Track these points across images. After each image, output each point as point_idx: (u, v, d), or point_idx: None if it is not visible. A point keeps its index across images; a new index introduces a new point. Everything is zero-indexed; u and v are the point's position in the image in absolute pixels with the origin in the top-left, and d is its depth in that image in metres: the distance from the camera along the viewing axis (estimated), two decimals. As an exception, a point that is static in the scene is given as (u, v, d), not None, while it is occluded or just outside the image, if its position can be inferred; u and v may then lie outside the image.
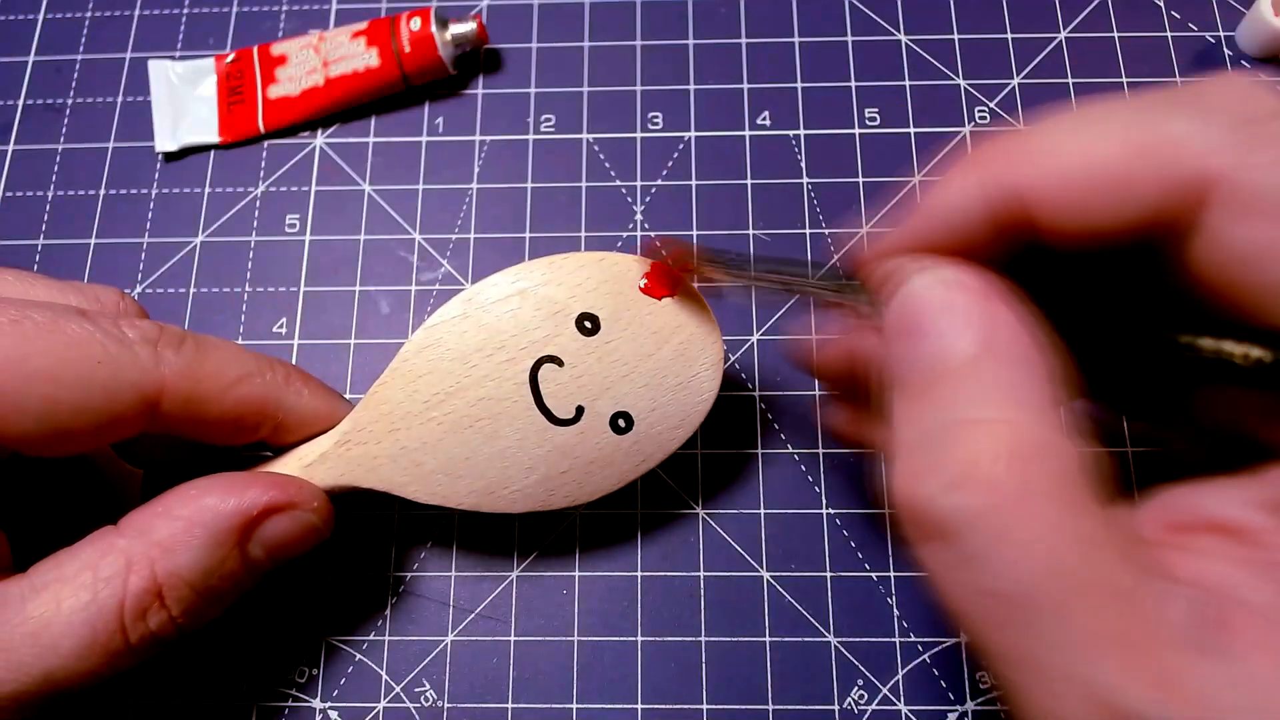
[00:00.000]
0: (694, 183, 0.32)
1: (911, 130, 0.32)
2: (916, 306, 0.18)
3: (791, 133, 0.33)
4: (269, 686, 0.27)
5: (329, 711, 0.27)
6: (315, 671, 0.27)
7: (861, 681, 0.27)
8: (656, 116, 0.33)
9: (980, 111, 0.33)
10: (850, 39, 0.34)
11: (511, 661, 0.27)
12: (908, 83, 0.33)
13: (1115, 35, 0.33)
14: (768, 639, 0.27)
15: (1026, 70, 0.33)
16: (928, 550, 0.16)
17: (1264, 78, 0.32)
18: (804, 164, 0.32)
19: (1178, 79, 0.33)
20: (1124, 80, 0.33)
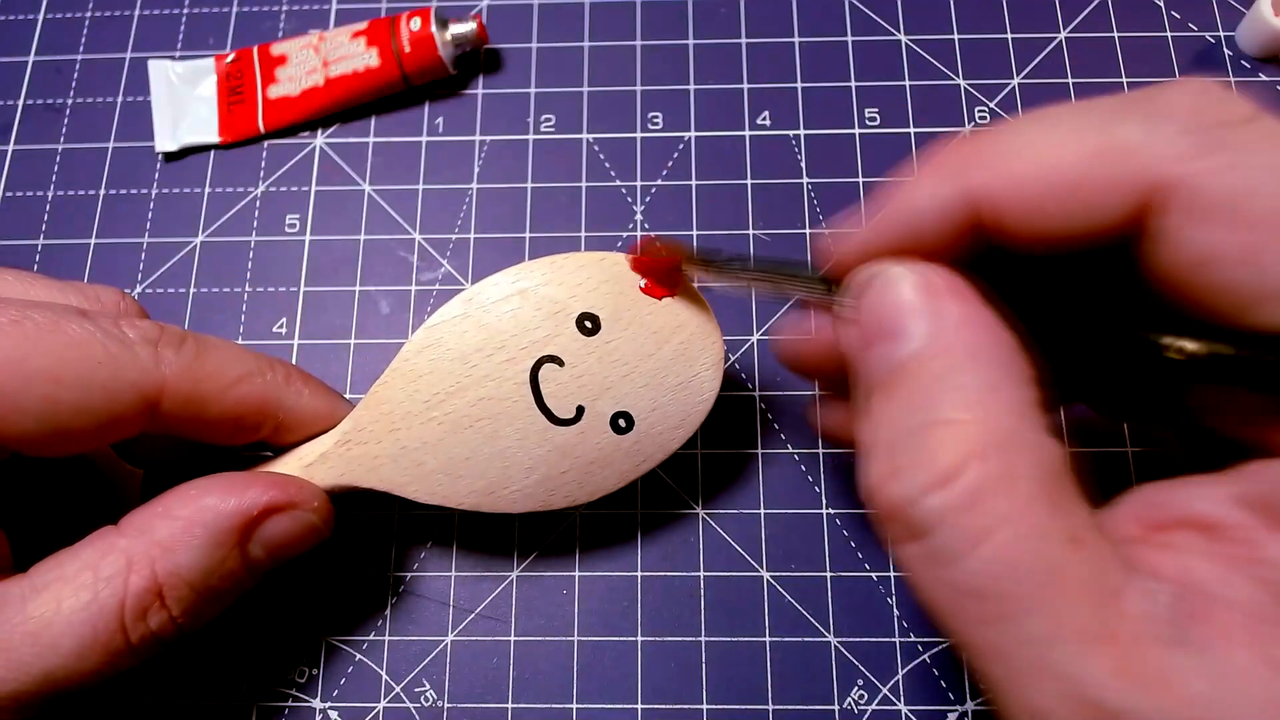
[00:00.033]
0: (694, 183, 0.32)
1: (911, 130, 0.32)
2: (888, 307, 0.18)
3: (791, 133, 0.33)
4: (269, 686, 0.27)
5: (329, 711, 0.27)
6: (315, 671, 0.27)
7: (861, 681, 0.27)
8: (656, 116, 0.33)
9: (980, 111, 0.33)
10: (850, 39, 0.34)
11: (511, 661, 0.27)
12: (908, 83, 0.33)
13: (1115, 35, 0.33)
14: (768, 639, 0.27)
15: (1026, 70, 0.33)
16: (904, 549, 0.16)
17: (1263, 77, 0.32)
18: (804, 164, 0.32)
19: (1177, 79, 0.33)
20: (1124, 80, 0.33)
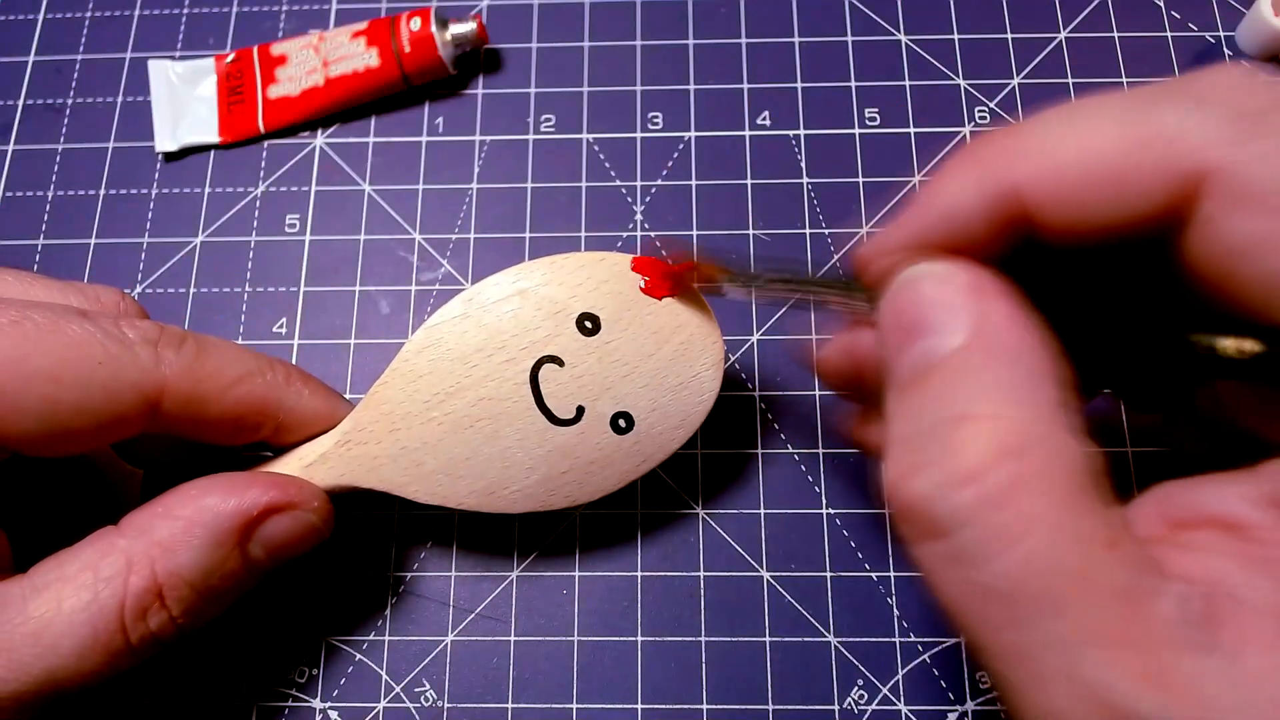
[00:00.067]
0: (694, 183, 0.32)
1: (911, 130, 0.32)
2: (913, 303, 0.17)
3: (791, 133, 0.33)
4: (269, 686, 0.27)
5: (329, 711, 0.27)
6: (315, 671, 0.27)
7: (861, 681, 0.27)
8: (656, 116, 0.33)
9: (980, 111, 0.33)
10: (850, 39, 0.34)
11: (511, 661, 0.27)
12: (908, 83, 0.33)
13: (1115, 35, 0.33)
14: (768, 639, 0.27)
15: (1026, 70, 0.33)
16: (923, 547, 0.16)
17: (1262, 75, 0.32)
18: (804, 164, 0.32)
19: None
20: (1124, 80, 0.33)
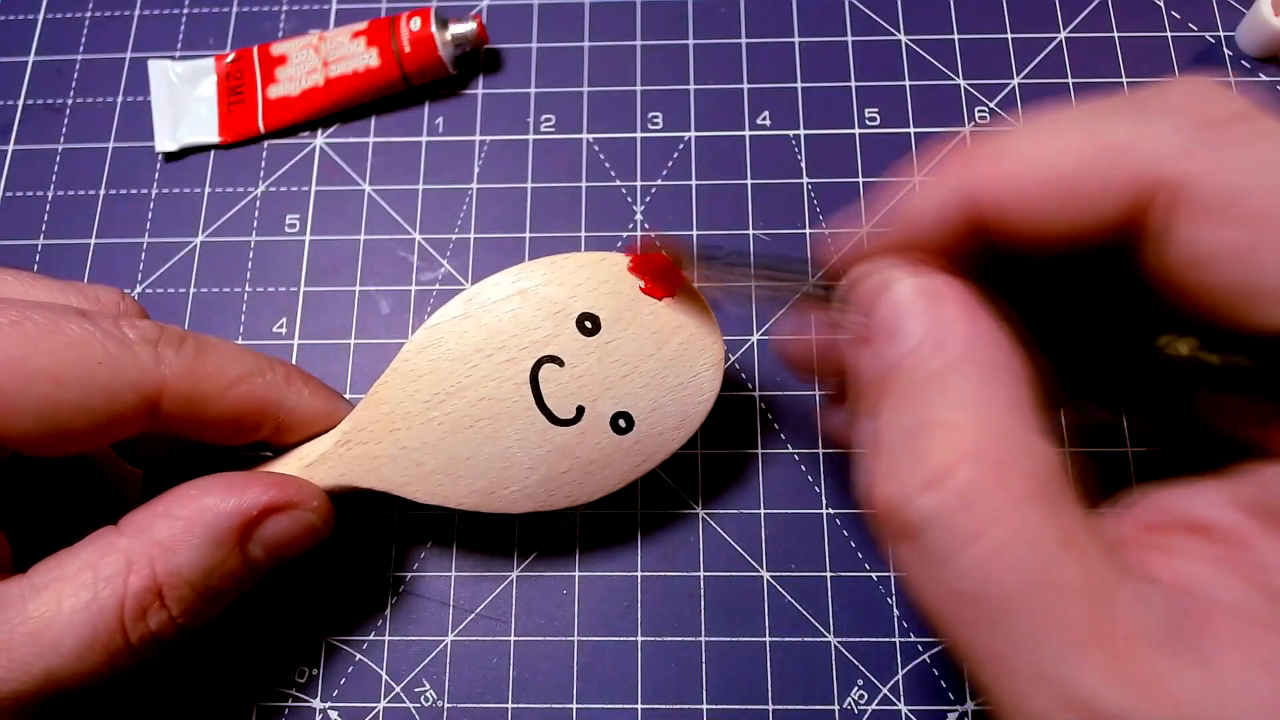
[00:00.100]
0: (694, 183, 0.32)
1: (911, 130, 0.32)
2: (888, 310, 0.18)
3: (791, 133, 0.33)
4: (269, 686, 0.27)
5: (329, 711, 0.27)
6: (315, 671, 0.27)
7: (861, 681, 0.27)
8: (656, 116, 0.33)
9: (980, 111, 0.33)
10: (850, 39, 0.34)
11: (511, 661, 0.27)
12: (908, 83, 0.33)
13: (1115, 35, 0.33)
14: (768, 639, 0.27)
15: (1026, 70, 0.33)
16: (898, 549, 0.16)
17: (1263, 77, 0.32)
18: (804, 164, 0.32)
19: (1175, 78, 0.33)
20: (1124, 80, 0.33)
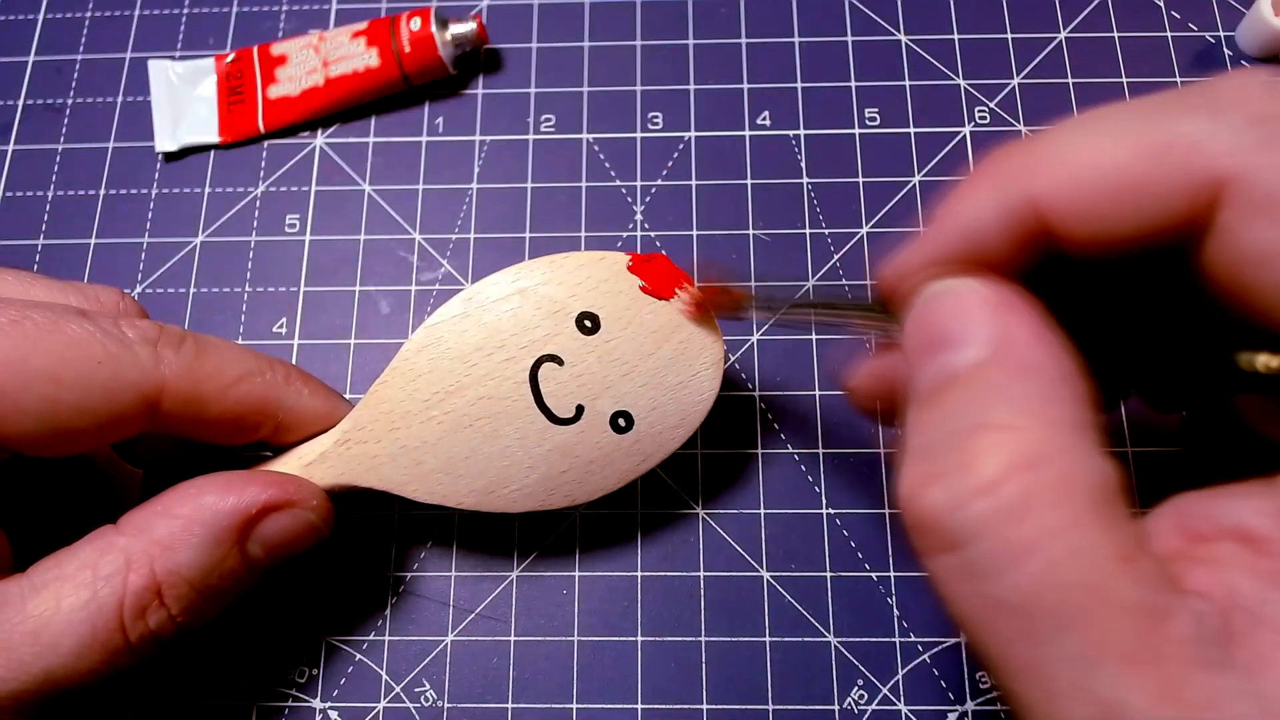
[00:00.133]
0: (694, 183, 0.32)
1: (911, 130, 0.32)
2: (935, 318, 0.17)
3: (791, 133, 0.33)
4: (269, 686, 0.27)
5: (329, 711, 0.27)
6: (315, 671, 0.27)
7: (861, 681, 0.26)
8: (656, 116, 0.33)
9: (980, 111, 0.33)
10: (850, 39, 0.34)
11: (511, 661, 0.27)
12: (908, 83, 0.33)
13: (1115, 35, 0.33)
14: (768, 639, 0.27)
15: (1026, 70, 0.33)
16: (936, 560, 0.16)
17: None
18: (804, 164, 0.32)
19: (1178, 79, 0.33)
20: (1124, 80, 0.33)
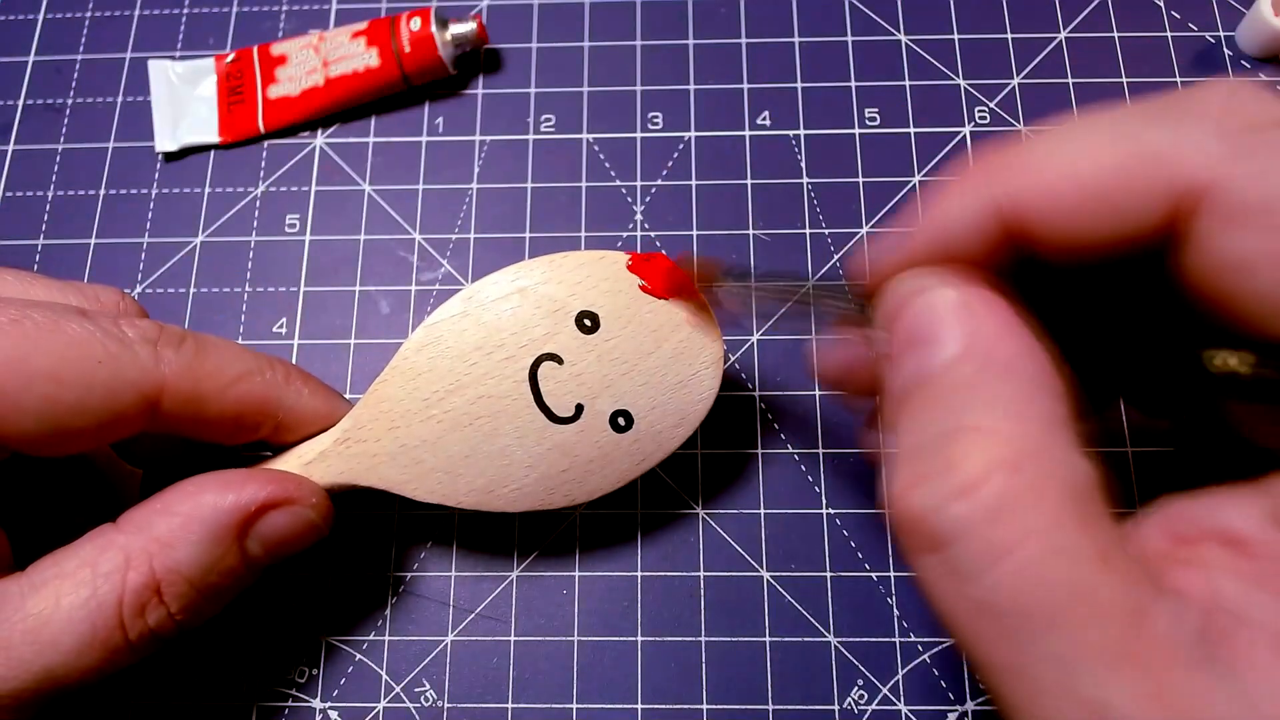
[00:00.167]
0: (694, 183, 0.32)
1: (911, 130, 0.32)
2: (923, 316, 0.17)
3: (791, 133, 0.33)
4: (269, 686, 0.27)
5: (329, 711, 0.27)
6: (315, 671, 0.27)
7: (861, 681, 0.26)
8: (656, 116, 0.33)
9: (980, 111, 0.33)
10: (850, 39, 0.34)
11: (511, 661, 0.27)
12: (908, 83, 0.33)
13: (1115, 35, 0.33)
14: (768, 639, 0.27)
15: (1026, 70, 0.33)
16: (922, 560, 0.16)
17: (1263, 77, 0.32)
18: (804, 164, 0.32)
19: (1178, 79, 0.33)
20: (1124, 80, 0.33)
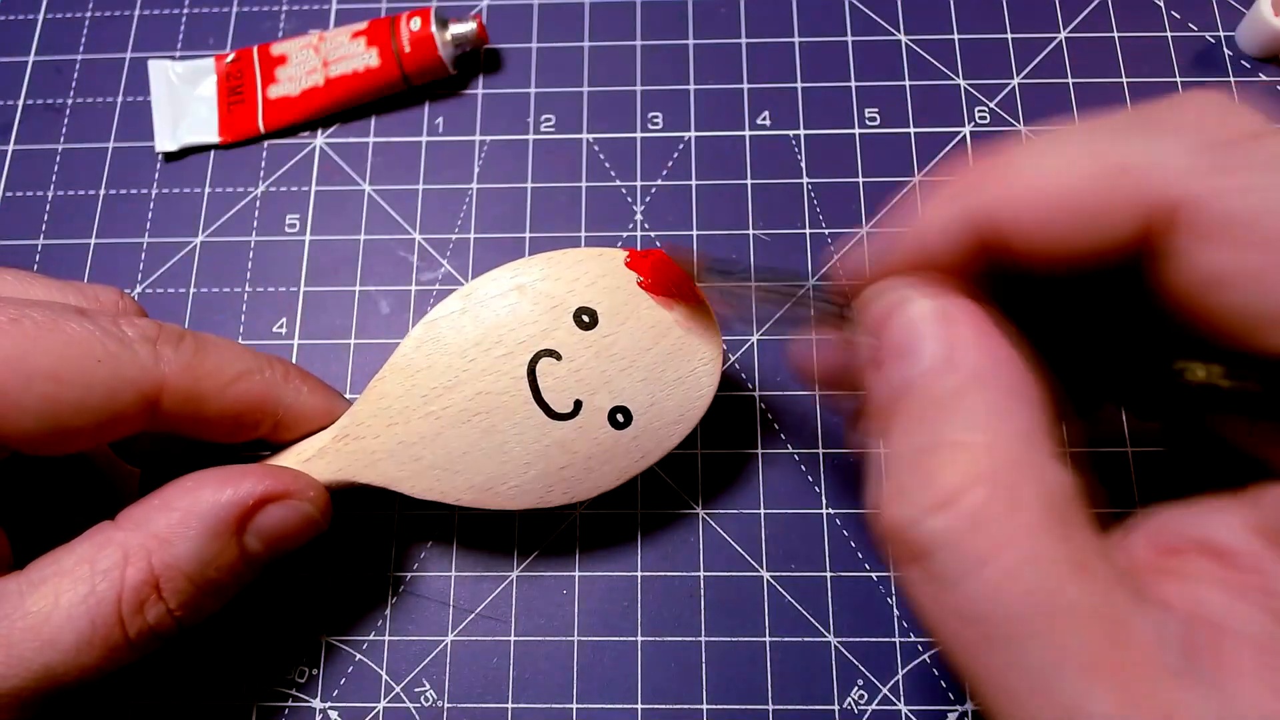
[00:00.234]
0: (694, 183, 0.32)
1: (911, 130, 0.32)
2: (901, 330, 0.18)
3: (791, 133, 0.33)
4: (269, 686, 0.27)
5: (329, 711, 0.27)
6: (315, 671, 0.27)
7: (861, 681, 0.26)
8: (656, 116, 0.33)
9: (980, 111, 0.33)
10: (850, 39, 0.34)
11: (511, 661, 0.27)
12: (908, 83, 0.33)
13: (1115, 35, 0.33)
14: (768, 639, 0.27)
15: (1026, 70, 0.33)
16: (906, 571, 0.16)
17: (1263, 77, 0.32)
18: (804, 164, 0.32)
19: (1178, 79, 0.33)
20: (1124, 80, 0.33)
